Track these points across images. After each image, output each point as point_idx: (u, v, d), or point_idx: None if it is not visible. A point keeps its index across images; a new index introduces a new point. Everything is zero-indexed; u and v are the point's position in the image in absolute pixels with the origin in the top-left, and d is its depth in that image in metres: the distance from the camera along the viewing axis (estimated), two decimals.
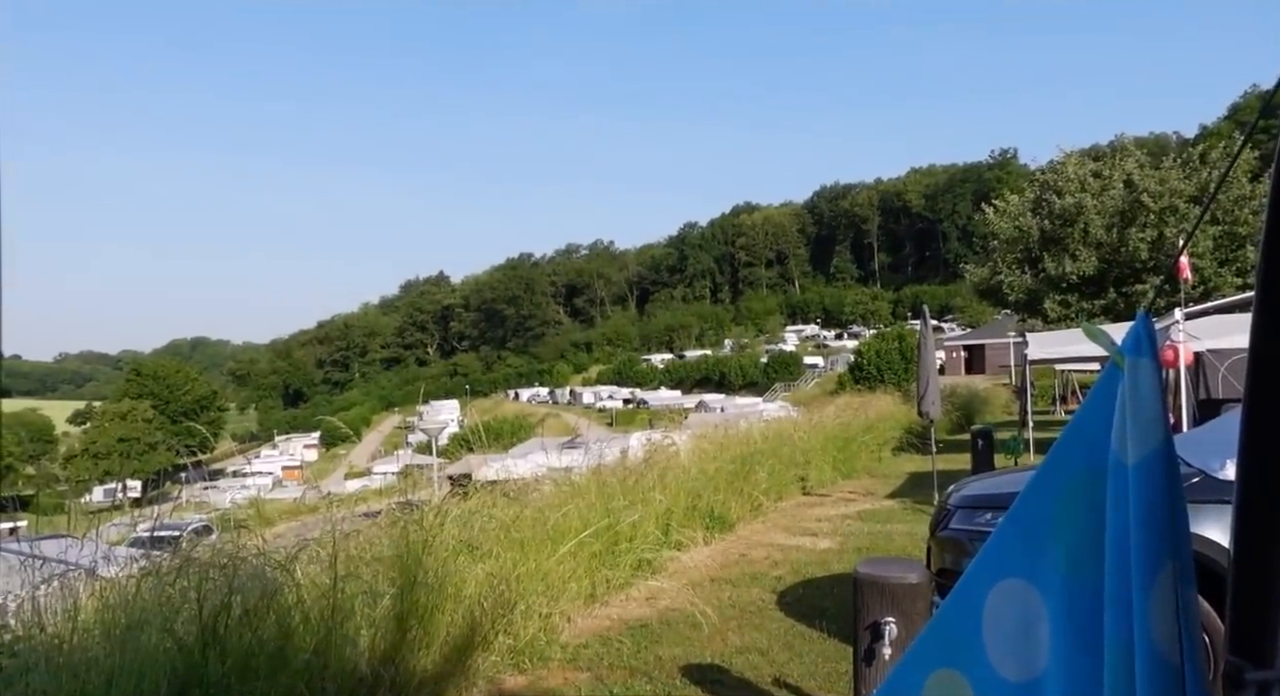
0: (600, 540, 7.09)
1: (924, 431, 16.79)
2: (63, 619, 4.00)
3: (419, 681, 4.61)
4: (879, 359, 39.01)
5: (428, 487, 9.75)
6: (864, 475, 15.57)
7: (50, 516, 29.99)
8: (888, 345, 39.94)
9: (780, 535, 9.89)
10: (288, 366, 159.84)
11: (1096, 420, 1.19)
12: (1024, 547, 1.30)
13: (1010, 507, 1.33)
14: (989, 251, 26.44)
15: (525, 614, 5.71)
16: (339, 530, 5.09)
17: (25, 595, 4.35)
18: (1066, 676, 1.19)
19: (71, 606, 4.06)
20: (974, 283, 28.05)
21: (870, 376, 37.57)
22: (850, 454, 16.15)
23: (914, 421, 19.46)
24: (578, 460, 10.02)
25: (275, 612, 4.28)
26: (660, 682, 5.09)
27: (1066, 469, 1.26)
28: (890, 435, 19.61)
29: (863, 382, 36.98)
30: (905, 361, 38.23)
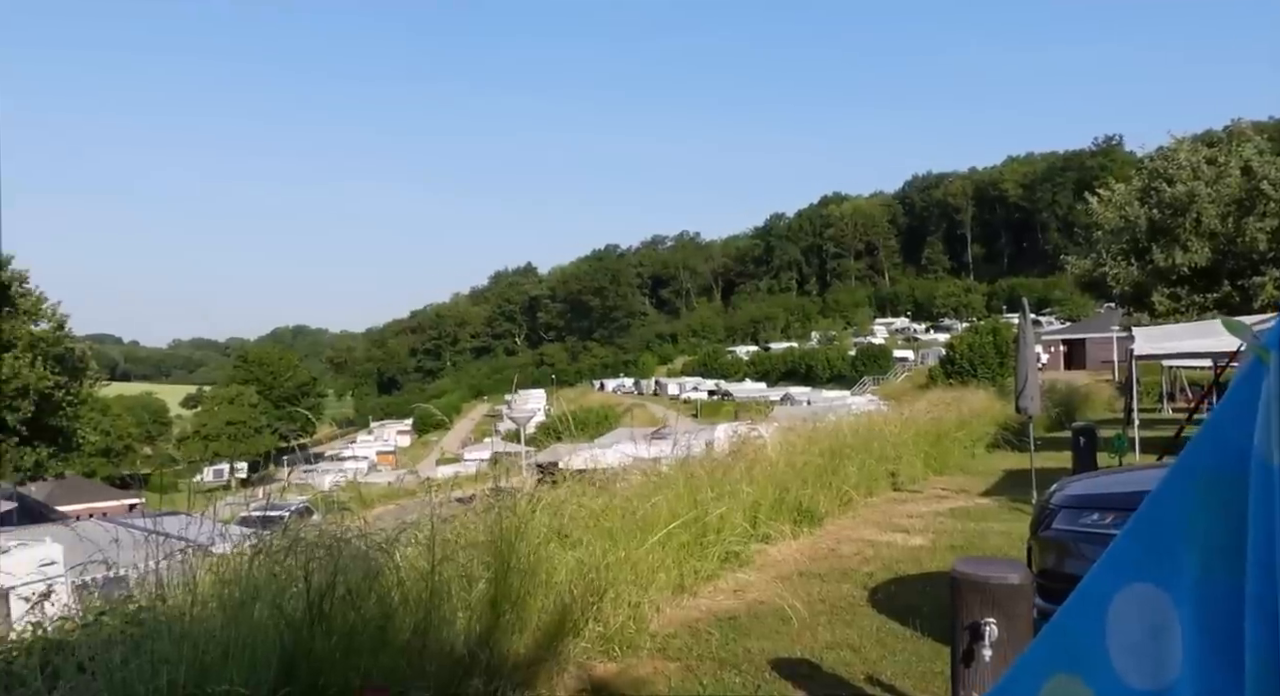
0: (688, 531, 7.11)
1: (1021, 428, 16.27)
2: (182, 592, 4.21)
3: (513, 664, 4.71)
4: (972, 353, 38.00)
5: (517, 475, 9.92)
6: (957, 472, 15.19)
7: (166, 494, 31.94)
8: (982, 339, 38.88)
9: (870, 530, 9.74)
10: (382, 354, 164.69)
11: (1236, 419, 1.13)
12: (1152, 551, 1.25)
13: (1137, 509, 1.28)
14: (1092, 242, 25.42)
15: (615, 602, 5.77)
16: (436, 515, 5.22)
17: (149, 568, 4.61)
18: (1201, 686, 1.15)
19: (190, 580, 4.26)
20: (1075, 275, 27.02)
21: (963, 371, 36.63)
22: (942, 450, 15.77)
23: (1010, 417, 18.87)
24: (664, 451, 10.05)
25: (376, 593, 4.43)
26: (750, 676, 5.08)
27: (1201, 470, 1.20)
28: (984, 431, 19.07)
29: (955, 377, 36.10)
30: (1000, 356, 37.14)
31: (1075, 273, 26.71)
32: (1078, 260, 26.59)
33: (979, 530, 9.57)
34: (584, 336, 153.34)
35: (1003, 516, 10.45)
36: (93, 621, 4.17)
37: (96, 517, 24.71)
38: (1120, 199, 23.52)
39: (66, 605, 5.20)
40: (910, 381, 65.15)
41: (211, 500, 7.61)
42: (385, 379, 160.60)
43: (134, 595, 4.52)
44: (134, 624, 3.98)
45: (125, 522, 11.31)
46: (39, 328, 30.78)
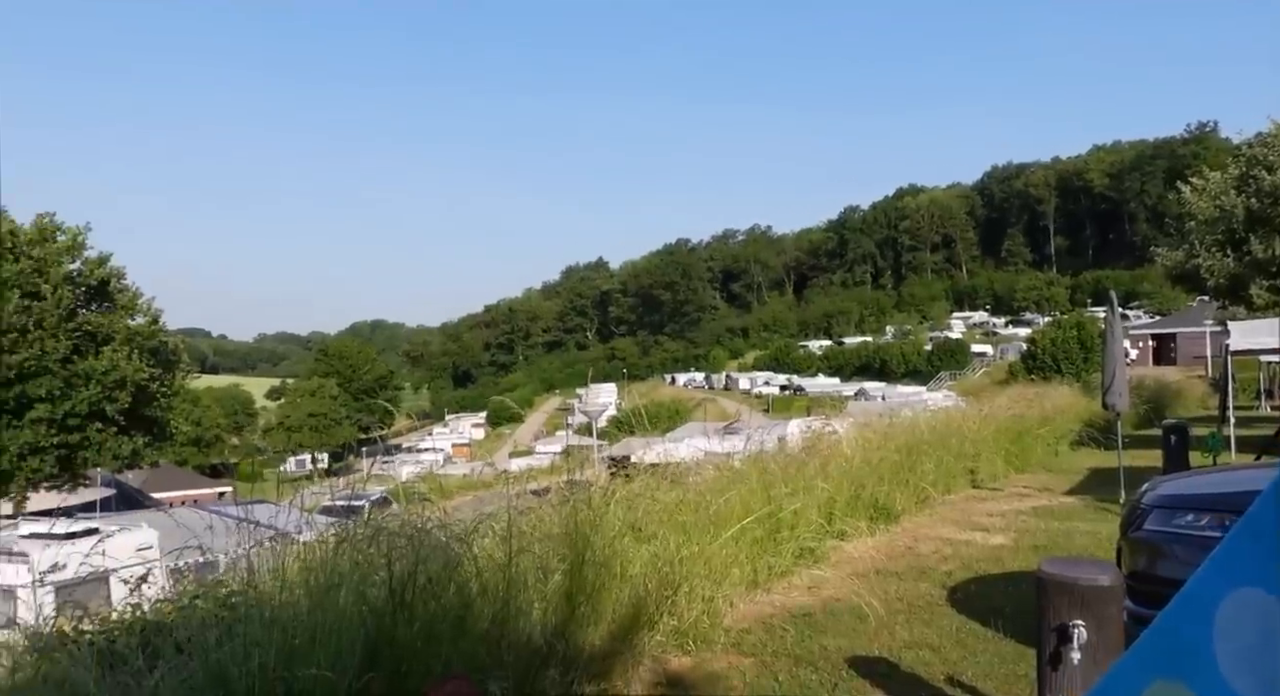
0: (762, 526, 7.06)
1: (1108, 425, 15.75)
2: (270, 578, 4.35)
3: (588, 656, 4.75)
4: (1055, 348, 36.89)
5: (589, 468, 10.00)
6: (1039, 469, 14.77)
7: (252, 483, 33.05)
8: (1065, 333, 37.70)
9: (949, 528, 9.54)
10: (457, 348, 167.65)
11: None
12: (1263, 556, 1.20)
13: (1246, 510, 1.22)
14: (1184, 233, 24.43)
15: (689, 596, 5.76)
16: (512, 507, 5.29)
17: (239, 555, 4.78)
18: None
19: (279, 567, 4.41)
20: (1166, 267, 26.00)
21: (1045, 366, 35.60)
22: (1024, 447, 15.35)
23: (1095, 414, 18.26)
24: (736, 446, 10.00)
25: (456, 583, 4.50)
26: (826, 673, 5.02)
27: None
28: (1068, 428, 18.49)
29: (1036, 372, 35.13)
30: (1085, 350, 35.95)
31: (1166, 265, 25.72)
32: (1169, 252, 25.60)
33: (1064, 530, 9.29)
34: (655, 331, 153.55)
35: (1088, 516, 10.13)
36: (187, 604, 4.33)
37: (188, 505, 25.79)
38: (1215, 188, 22.51)
39: (163, 588, 5.43)
40: (989, 377, 63.60)
41: (296, 489, 7.84)
42: (460, 372, 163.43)
43: (224, 580, 4.69)
44: (226, 608, 4.13)
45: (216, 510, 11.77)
46: (135, 322, 32.12)
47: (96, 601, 7.90)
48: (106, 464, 31.08)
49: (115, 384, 29.06)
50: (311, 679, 3.43)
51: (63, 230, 30.41)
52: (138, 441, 31.13)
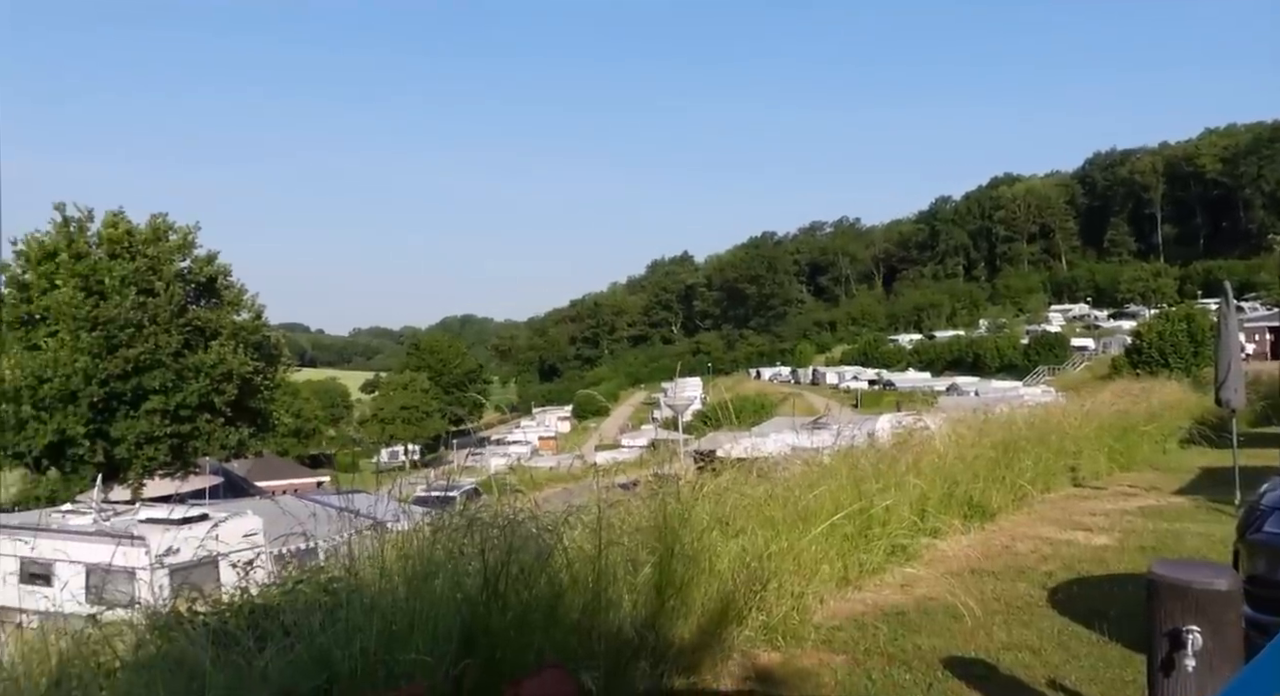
0: (852, 523, 6.95)
1: (1221, 422, 14.99)
2: (370, 565, 4.48)
3: (677, 648, 4.75)
4: (1162, 341, 35.27)
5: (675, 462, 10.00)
6: (1145, 468, 14.14)
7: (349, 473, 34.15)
8: (1173, 326, 35.99)
9: (1049, 528, 9.22)
10: (543, 343, 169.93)
11: None
12: None
13: None
14: None
15: (778, 592, 5.71)
16: (602, 499, 5.33)
17: (339, 542, 4.94)
18: None
19: (377, 554, 4.54)
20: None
21: (1151, 360, 34.08)
22: (1129, 444, 14.72)
23: (1207, 411, 17.38)
24: (825, 441, 9.86)
25: (547, 573, 4.56)
26: (921, 673, 4.92)
27: None
28: (1177, 425, 17.65)
29: (1142, 367, 33.65)
30: (1195, 344, 34.27)
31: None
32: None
33: (1173, 531, 8.88)
34: (740, 324, 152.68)
35: (1200, 517, 9.65)
36: (291, 589, 4.49)
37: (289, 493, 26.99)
38: None
39: (270, 572, 5.65)
40: (1090, 371, 61.29)
41: (390, 480, 8.06)
42: (546, 366, 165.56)
43: (326, 566, 4.85)
44: (327, 593, 4.27)
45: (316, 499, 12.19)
46: (240, 317, 33.53)
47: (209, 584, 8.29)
48: (215, 453, 32.57)
49: (222, 377, 30.40)
50: (410, 663, 3.52)
51: (174, 229, 31.95)
52: (243, 432, 32.51)
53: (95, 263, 29.69)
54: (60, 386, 27.73)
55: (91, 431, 28.52)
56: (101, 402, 28.52)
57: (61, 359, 27.75)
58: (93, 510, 15.56)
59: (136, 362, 28.64)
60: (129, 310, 28.65)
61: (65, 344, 28.07)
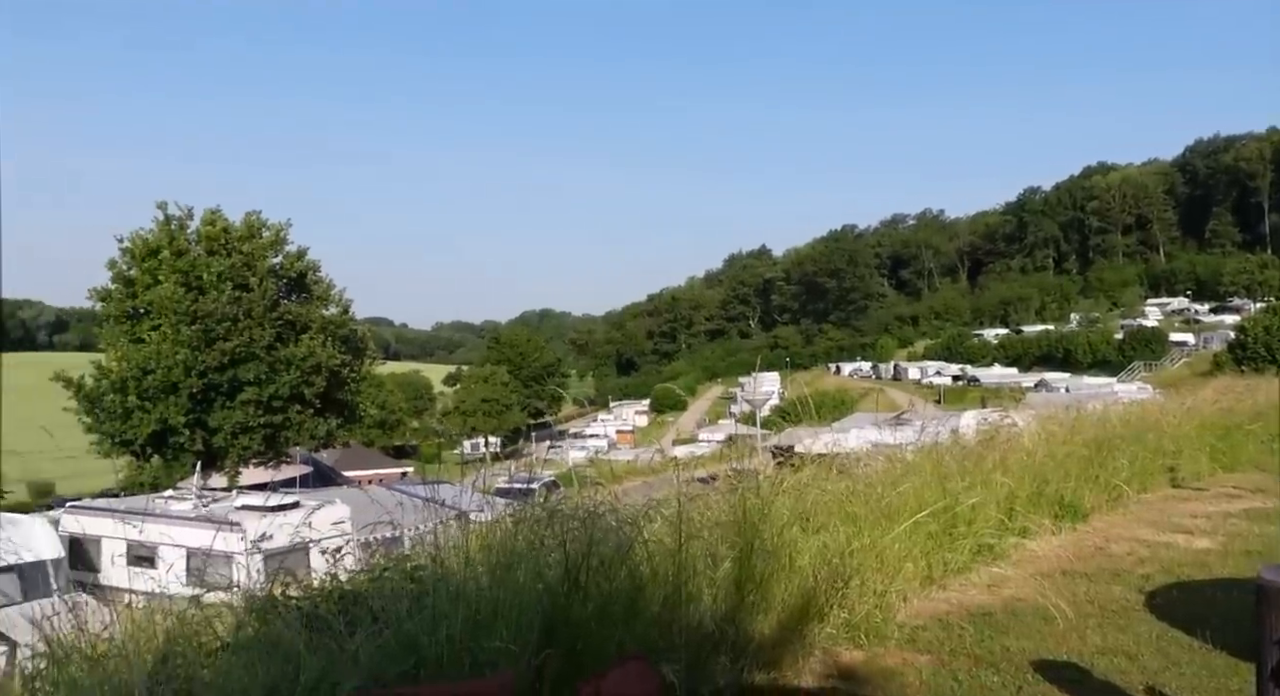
0: (937, 521, 6.79)
1: None
2: (454, 554, 4.57)
3: (758, 644, 4.72)
4: (1269, 336, 33.57)
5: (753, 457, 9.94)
6: (1250, 469, 13.45)
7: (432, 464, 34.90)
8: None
9: (1145, 529, 8.86)
10: (621, 337, 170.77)
11: None
12: None
13: None
14: None
15: (860, 590, 5.62)
16: (683, 492, 5.32)
17: (423, 531, 5.06)
18: None
19: (461, 543, 4.63)
20: None
21: (1257, 356, 32.49)
22: (1233, 444, 14.01)
23: None
24: (907, 437, 9.67)
25: (627, 566, 4.58)
26: (1010, 676, 4.78)
27: None
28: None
29: (1246, 363, 32.09)
30: None
31: None
32: None
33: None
34: (819, 319, 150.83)
35: None
36: (379, 576, 4.61)
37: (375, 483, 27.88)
38: None
39: (357, 560, 5.82)
40: (1189, 368, 58.69)
41: (472, 471, 8.18)
42: (623, 360, 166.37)
43: (411, 554, 4.96)
44: (413, 580, 4.37)
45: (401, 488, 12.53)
46: (329, 312, 34.59)
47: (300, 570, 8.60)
48: (305, 443, 33.70)
49: (312, 369, 31.42)
50: (495, 651, 3.58)
51: (267, 226, 33.13)
52: (331, 423, 33.56)
53: (194, 259, 31.00)
54: (163, 378, 29.05)
55: (191, 421, 29.83)
56: (200, 393, 29.79)
57: (164, 351, 29.08)
58: (193, 496, 16.28)
59: (232, 355, 29.82)
60: (225, 305, 29.84)
61: (167, 337, 29.40)
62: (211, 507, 15.23)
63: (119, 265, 31.53)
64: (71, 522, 15.21)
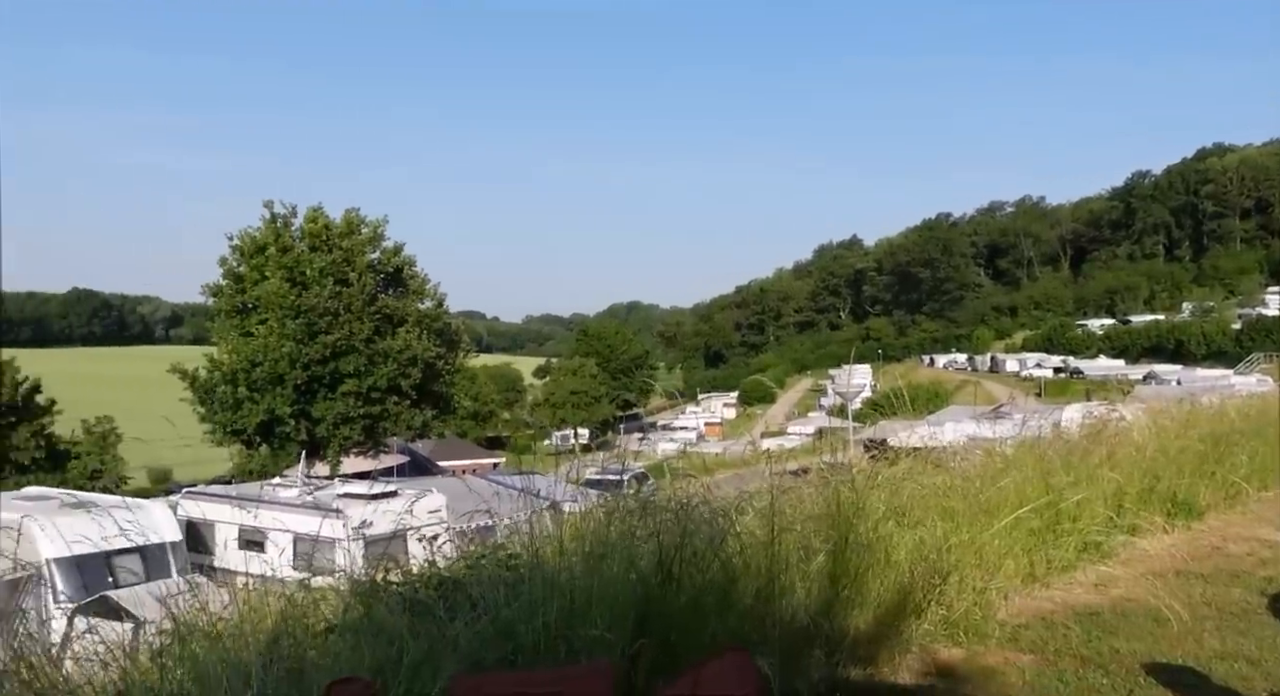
0: (1040, 517, 6.57)
1: None
2: (548, 543, 4.64)
3: (853, 639, 4.66)
4: None
5: (844, 450, 9.79)
6: None
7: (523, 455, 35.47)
8: None
9: (1267, 529, 8.38)
10: (708, 329, 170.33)
11: None
12: None
13: None
14: None
15: (959, 586, 5.48)
16: (775, 485, 5.28)
17: (518, 521, 5.15)
18: None
19: (554, 533, 4.70)
20: None
21: None
22: None
23: None
24: (1006, 431, 9.38)
25: (720, 558, 4.58)
26: (1119, 678, 4.59)
27: None
28: None
29: None
30: None
31: None
32: None
33: None
34: (912, 310, 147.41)
35: None
36: (474, 564, 4.72)
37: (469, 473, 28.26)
38: None
39: (457, 547, 5.97)
40: None
41: (563, 462, 8.32)
42: (711, 353, 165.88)
43: (506, 543, 5.06)
44: (508, 569, 4.46)
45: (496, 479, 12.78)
46: (424, 306, 35.53)
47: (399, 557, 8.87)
48: (402, 433, 34.72)
49: (409, 361, 32.33)
50: (590, 639, 3.62)
51: (366, 223, 34.19)
52: (427, 414, 34.47)
53: (298, 255, 32.23)
54: (270, 370, 30.33)
55: (296, 411, 31.06)
56: (304, 385, 30.99)
57: (270, 345, 30.35)
58: (298, 484, 16.94)
59: (333, 348, 30.91)
60: (327, 299, 30.94)
61: (273, 331, 30.67)
62: (315, 495, 15.82)
63: (229, 262, 33.01)
64: (188, 507, 16.02)
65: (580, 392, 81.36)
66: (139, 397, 40.36)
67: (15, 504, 13.82)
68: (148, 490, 40.24)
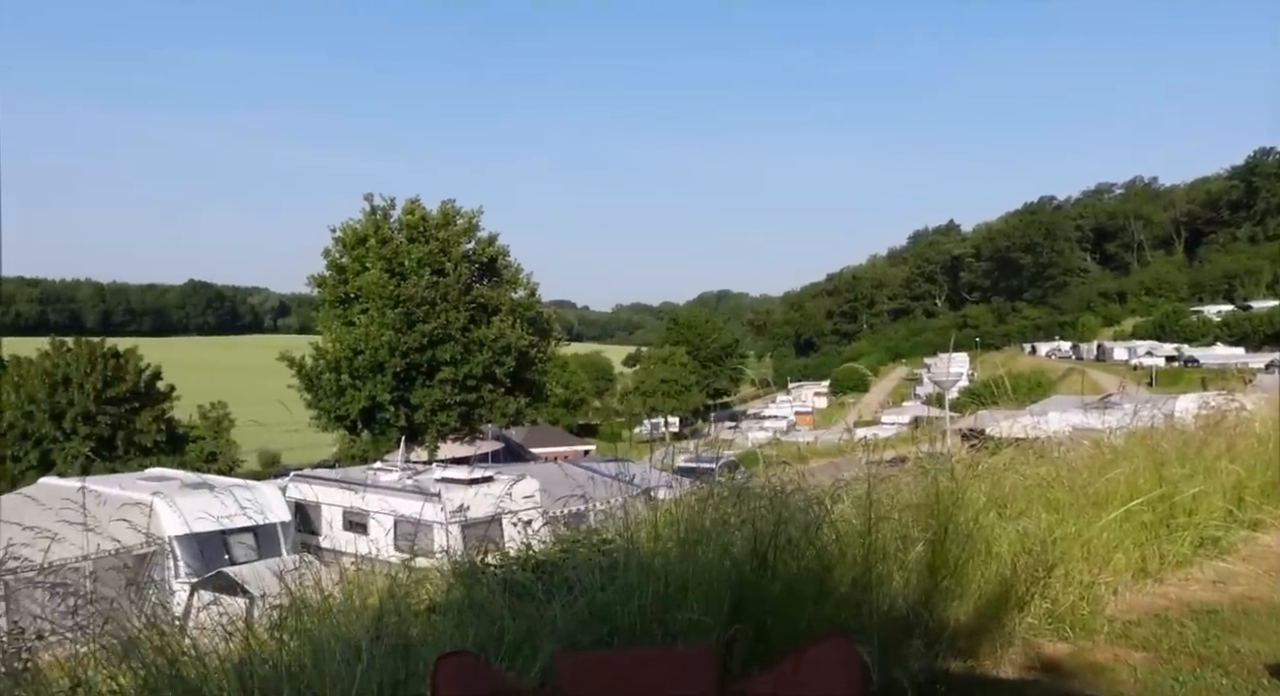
0: (1152, 510, 6.29)
1: None
2: (643, 529, 4.69)
3: (952, 631, 4.57)
4: None
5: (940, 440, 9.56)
6: None
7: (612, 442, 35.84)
8: None
9: None
10: (799, 317, 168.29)
11: None
12: None
13: None
14: None
15: (1064, 580, 5.31)
16: (872, 474, 5.21)
17: (614, 506, 5.22)
18: None
19: (647, 519, 4.74)
20: None
21: None
22: None
23: None
24: (1114, 421, 9.02)
25: (815, 546, 4.54)
26: (1240, 678, 4.37)
27: None
28: None
29: None
30: None
31: None
32: None
33: None
34: (1012, 296, 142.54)
35: None
36: (569, 547, 4.80)
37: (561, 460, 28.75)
38: None
39: (552, 531, 6.08)
40: None
41: (654, 449, 8.33)
42: (802, 341, 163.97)
43: (600, 528, 5.13)
44: (601, 553, 4.52)
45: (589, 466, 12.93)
46: (517, 295, 36.15)
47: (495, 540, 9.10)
48: (496, 420, 35.45)
49: (503, 350, 32.97)
50: (686, 623, 3.65)
51: (461, 214, 34.94)
52: (520, 401, 35.11)
53: (397, 246, 33.19)
54: (371, 358, 31.37)
55: (395, 398, 32.06)
56: (403, 372, 31.95)
57: (371, 333, 31.38)
58: (398, 469, 17.51)
59: (431, 337, 31.76)
60: (424, 289, 31.79)
61: (374, 320, 31.69)
62: (415, 479, 16.31)
63: (332, 253, 34.21)
64: (297, 490, 16.73)
65: (670, 381, 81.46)
66: (249, 385, 42.25)
67: (142, 484, 14.69)
68: (258, 473, 42.19)
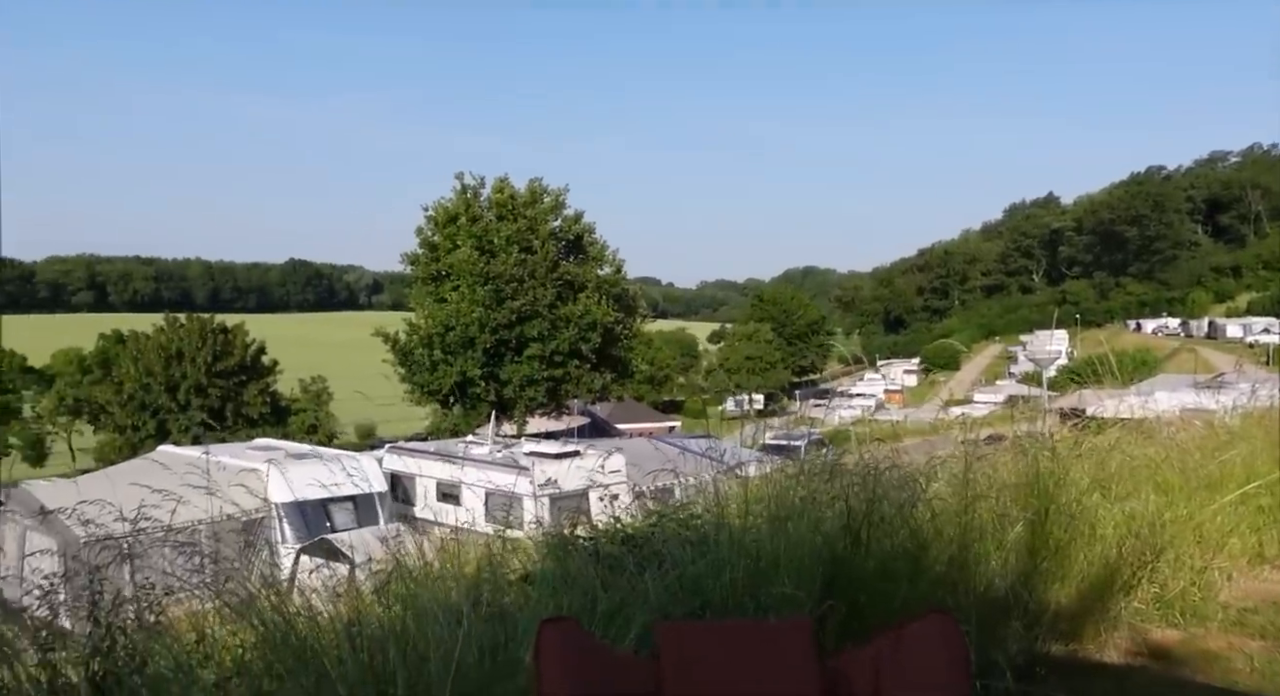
0: (1271, 494, 6.00)
1: None
2: (732, 505, 4.68)
3: (1054, 613, 4.45)
4: None
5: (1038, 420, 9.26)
6: None
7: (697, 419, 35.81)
8: None
9: None
10: (889, 293, 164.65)
11: None
12: None
13: None
14: None
15: (1174, 565, 5.11)
16: (968, 452, 5.09)
17: (704, 481, 5.22)
18: None
19: (737, 495, 4.73)
20: None
21: None
22: None
23: None
24: (1227, 401, 8.60)
25: (909, 524, 4.47)
26: None
27: None
28: None
29: None
30: None
31: None
32: None
33: None
34: (1116, 271, 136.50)
35: None
36: (657, 522, 4.82)
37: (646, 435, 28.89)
38: None
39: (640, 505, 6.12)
40: None
41: (740, 426, 8.31)
42: (891, 318, 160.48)
43: (689, 503, 5.14)
44: (689, 528, 4.53)
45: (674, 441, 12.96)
46: (603, 272, 36.36)
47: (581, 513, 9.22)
48: (583, 396, 35.87)
49: (589, 326, 33.26)
50: (778, 597, 3.64)
51: (548, 192, 35.26)
52: (606, 377, 35.41)
53: (486, 224, 33.73)
54: (461, 334, 32.07)
55: (485, 373, 32.73)
56: (492, 348, 32.57)
57: (462, 310, 32.05)
58: (488, 442, 17.89)
59: (519, 313, 32.26)
60: (513, 266, 32.26)
61: (465, 297, 32.35)
62: (504, 453, 16.65)
63: (425, 232, 34.99)
64: (392, 461, 17.27)
65: (755, 358, 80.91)
66: (346, 360, 43.72)
67: (252, 453, 15.39)
68: (355, 444, 43.72)
